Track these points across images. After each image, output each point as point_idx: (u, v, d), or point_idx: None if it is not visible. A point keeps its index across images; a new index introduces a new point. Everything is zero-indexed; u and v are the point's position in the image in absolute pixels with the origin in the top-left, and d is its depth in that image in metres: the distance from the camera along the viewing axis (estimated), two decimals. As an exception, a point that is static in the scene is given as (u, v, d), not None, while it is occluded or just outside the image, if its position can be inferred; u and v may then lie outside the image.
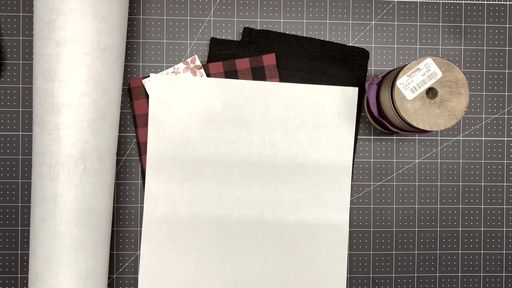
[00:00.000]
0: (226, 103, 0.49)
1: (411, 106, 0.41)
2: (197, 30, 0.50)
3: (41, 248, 0.42)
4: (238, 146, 0.49)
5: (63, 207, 0.41)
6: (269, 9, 0.50)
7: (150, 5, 0.49)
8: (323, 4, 0.50)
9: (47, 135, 0.41)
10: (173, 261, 0.48)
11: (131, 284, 0.49)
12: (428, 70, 0.41)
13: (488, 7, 0.51)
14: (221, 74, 0.49)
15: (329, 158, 0.49)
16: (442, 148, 0.51)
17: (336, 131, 0.49)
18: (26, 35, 0.49)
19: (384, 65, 0.51)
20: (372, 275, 0.50)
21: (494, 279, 0.51)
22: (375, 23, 0.51)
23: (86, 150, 0.41)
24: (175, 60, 0.50)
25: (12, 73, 0.49)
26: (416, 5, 0.51)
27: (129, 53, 0.49)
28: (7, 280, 0.49)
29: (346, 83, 0.49)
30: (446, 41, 0.51)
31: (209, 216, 0.48)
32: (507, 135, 0.51)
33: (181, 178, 0.48)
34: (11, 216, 0.49)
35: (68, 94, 0.40)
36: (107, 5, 0.41)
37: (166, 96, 0.48)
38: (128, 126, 0.49)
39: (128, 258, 0.49)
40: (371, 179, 0.50)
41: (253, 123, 0.49)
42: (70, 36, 0.40)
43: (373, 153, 0.50)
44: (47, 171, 0.41)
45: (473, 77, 0.51)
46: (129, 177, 0.49)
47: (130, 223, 0.49)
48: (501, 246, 0.51)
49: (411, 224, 0.51)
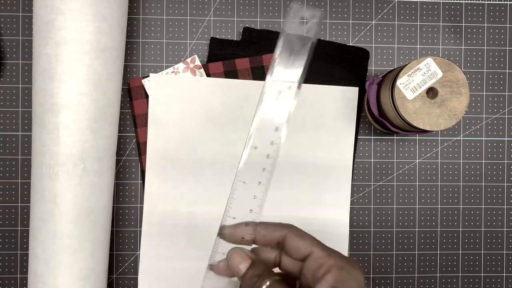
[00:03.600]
0: (226, 103, 0.49)
1: (411, 106, 0.41)
2: (197, 30, 0.50)
3: (41, 248, 0.42)
4: (238, 146, 0.49)
5: (63, 207, 0.41)
6: (269, 9, 0.50)
7: (150, 5, 0.49)
8: (323, 4, 0.50)
9: (46, 135, 0.41)
10: (173, 261, 0.48)
11: (131, 284, 0.49)
12: (429, 70, 0.41)
13: (489, 7, 0.51)
14: (221, 74, 0.49)
15: (329, 158, 0.49)
16: (442, 148, 0.51)
17: (336, 131, 0.49)
18: (25, 35, 0.49)
19: (384, 65, 0.50)
20: (372, 275, 0.50)
21: (495, 279, 0.51)
22: (375, 23, 0.50)
23: (86, 150, 0.41)
24: (175, 60, 0.50)
25: (11, 73, 0.49)
26: (416, 5, 0.51)
27: (129, 53, 0.49)
28: (7, 280, 0.49)
29: (346, 83, 0.49)
30: (446, 41, 0.51)
31: (209, 216, 0.48)
32: (507, 135, 0.51)
33: (181, 178, 0.48)
34: (10, 216, 0.49)
35: (67, 94, 0.40)
36: (107, 4, 0.41)
37: (166, 96, 0.48)
38: (128, 126, 0.49)
39: (128, 258, 0.49)
40: (371, 179, 0.50)
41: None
42: (70, 36, 0.40)
43: (373, 153, 0.50)
44: (47, 171, 0.41)
45: (474, 77, 0.51)
46: (129, 177, 0.49)
47: (130, 223, 0.49)
48: (502, 246, 0.51)
49: (411, 224, 0.50)
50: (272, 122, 0.45)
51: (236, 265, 0.31)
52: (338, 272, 0.29)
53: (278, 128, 0.44)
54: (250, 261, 0.31)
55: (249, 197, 0.45)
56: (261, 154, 0.46)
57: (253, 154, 0.44)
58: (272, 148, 0.43)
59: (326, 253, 0.31)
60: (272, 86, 0.42)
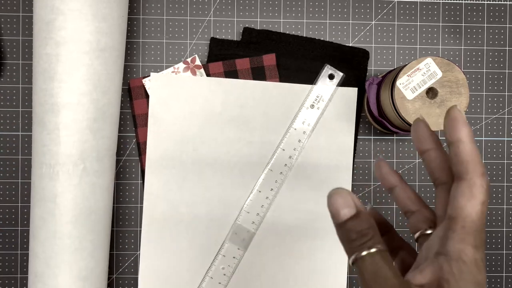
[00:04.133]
0: (227, 103, 0.49)
1: (411, 106, 0.41)
2: (197, 30, 0.50)
3: (41, 248, 0.42)
4: (239, 146, 0.49)
5: (63, 207, 0.41)
6: (269, 9, 0.50)
7: (150, 5, 0.49)
8: (323, 4, 0.50)
9: (46, 135, 0.41)
10: (173, 261, 0.48)
11: (131, 284, 0.49)
12: (428, 70, 0.41)
13: (488, 7, 0.51)
14: (221, 74, 0.49)
15: (329, 158, 0.49)
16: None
17: (336, 131, 0.49)
18: (25, 35, 0.49)
19: (384, 65, 0.50)
20: (372, 275, 0.50)
21: (494, 279, 0.51)
22: (375, 23, 0.51)
23: (86, 150, 0.41)
24: (175, 60, 0.50)
25: (11, 73, 0.49)
26: (416, 5, 0.51)
27: (129, 53, 0.49)
28: (7, 280, 0.49)
29: (346, 83, 0.49)
30: (446, 41, 0.51)
31: (209, 216, 0.48)
32: (507, 135, 0.51)
33: (181, 178, 0.48)
34: (11, 216, 0.49)
35: (67, 94, 0.40)
36: (107, 5, 0.41)
37: (166, 96, 0.48)
38: (128, 126, 0.49)
39: (128, 258, 0.49)
40: (371, 179, 0.50)
41: (253, 123, 0.49)
42: (70, 36, 0.40)
43: (373, 153, 0.50)
44: (47, 171, 0.41)
45: (473, 77, 0.51)
46: (129, 177, 0.49)
47: (130, 223, 0.49)
48: (501, 246, 0.51)
49: (411, 224, 0.50)
50: (302, 127, 0.48)
51: (336, 208, 0.24)
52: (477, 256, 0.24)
53: (305, 133, 0.49)
54: (355, 210, 0.24)
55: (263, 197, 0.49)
56: (286, 155, 0.48)
57: (281, 155, 0.47)
58: (294, 152, 0.49)
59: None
60: (312, 95, 0.45)
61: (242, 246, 0.48)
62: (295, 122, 0.49)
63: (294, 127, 0.49)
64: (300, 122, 0.49)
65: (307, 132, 0.49)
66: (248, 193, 0.49)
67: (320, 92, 0.49)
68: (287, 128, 0.49)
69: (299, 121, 0.49)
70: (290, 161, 0.49)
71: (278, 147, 0.49)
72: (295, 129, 0.49)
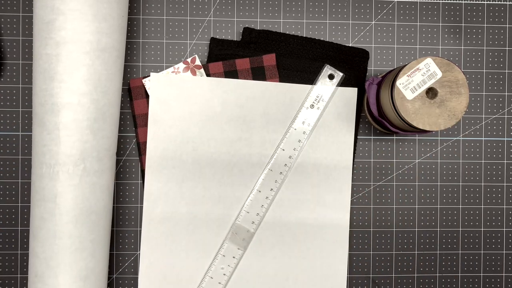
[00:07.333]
0: (227, 103, 0.49)
1: (411, 106, 0.41)
2: (197, 30, 0.50)
3: (41, 248, 0.42)
4: (239, 146, 0.49)
5: (63, 207, 0.41)
6: (269, 9, 0.50)
7: (150, 5, 0.49)
8: (323, 4, 0.50)
9: (46, 135, 0.41)
10: (173, 261, 0.48)
11: (131, 284, 0.49)
12: (428, 70, 0.41)
13: (488, 7, 0.51)
14: (221, 74, 0.49)
15: (329, 158, 0.49)
16: (442, 148, 0.51)
17: (336, 131, 0.49)
18: (25, 35, 0.49)
19: (384, 65, 0.50)
20: (372, 275, 0.50)
21: (494, 279, 0.51)
22: (375, 23, 0.51)
23: (86, 150, 0.41)
24: (175, 60, 0.50)
25: (11, 73, 0.49)
26: (416, 5, 0.51)
27: (129, 53, 0.49)
28: (7, 280, 0.49)
29: (346, 83, 0.49)
30: (446, 41, 0.51)
31: (209, 216, 0.48)
32: (507, 135, 0.51)
33: (181, 178, 0.48)
34: (11, 216, 0.49)
35: (67, 94, 0.40)
36: (107, 5, 0.41)
37: (166, 96, 0.48)
38: (128, 126, 0.49)
39: (128, 258, 0.49)
40: (371, 179, 0.50)
41: (253, 123, 0.49)
42: (70, 36, 0.40)
43: (373, 153, 0.50)
44: (47, 171, 0.41)
45: (473, 77, 0.51)
46: (129, 177, 0.49)
47: (130, 223, 0.49)
48: (501, 246, 0.51)
49: (411, 224, 0.51)
50: (301, 127, 0.48)
51: None
52: None
53: (305, 133, 0.48)
54: None
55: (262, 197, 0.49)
56: (286, 155, 0.48)
57: (281, 155, 0.47)
58: (294, 152, 0.48)
59: None
60: (312, 95, 0.45)
61: (242, 246, 0.48)
62: (295, 122, 0.49)
63: (294, 127, 0.49)
64: (300, 122, 0.49)
65: (307, 132, 0.49)
66: (248, 193, 0.49)
67: (320, 92, 0.49)
68: (287, 128, 0.49)
69: (299, 121, 0.49)
70: (290, 161, 0.49)
71: (278, 147, 0.49)
72: (295, 129, 0.49)
